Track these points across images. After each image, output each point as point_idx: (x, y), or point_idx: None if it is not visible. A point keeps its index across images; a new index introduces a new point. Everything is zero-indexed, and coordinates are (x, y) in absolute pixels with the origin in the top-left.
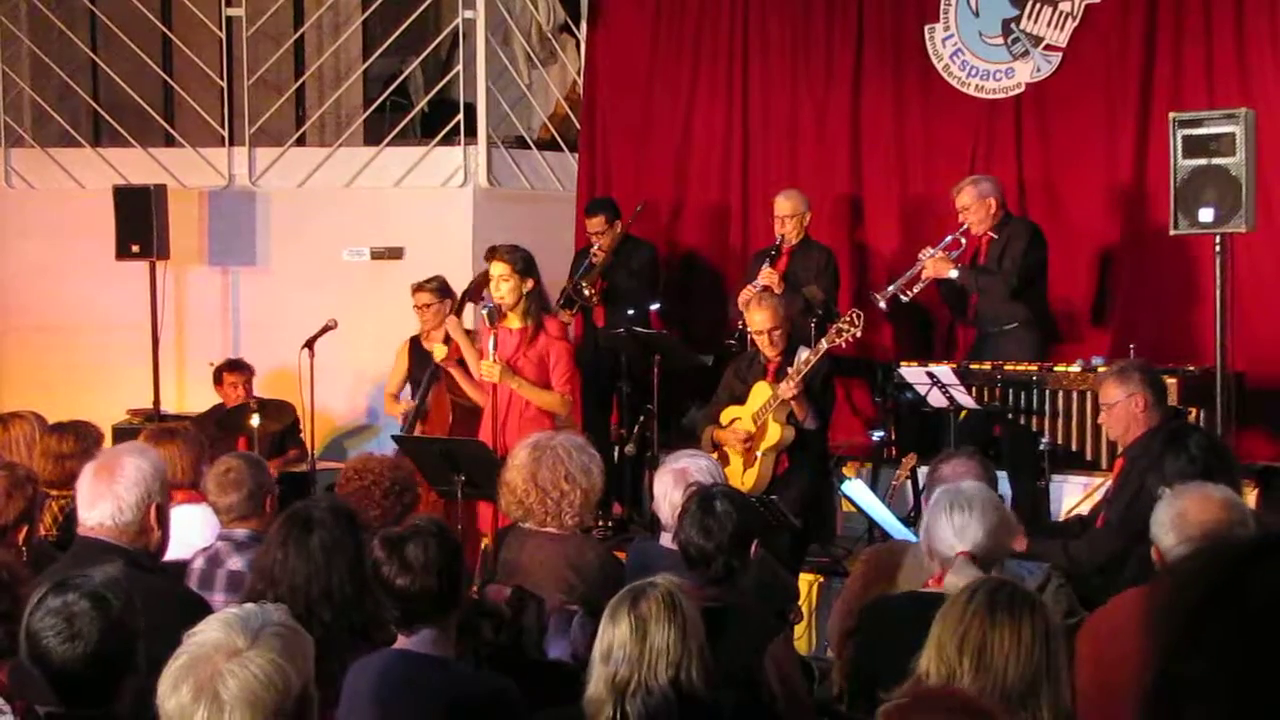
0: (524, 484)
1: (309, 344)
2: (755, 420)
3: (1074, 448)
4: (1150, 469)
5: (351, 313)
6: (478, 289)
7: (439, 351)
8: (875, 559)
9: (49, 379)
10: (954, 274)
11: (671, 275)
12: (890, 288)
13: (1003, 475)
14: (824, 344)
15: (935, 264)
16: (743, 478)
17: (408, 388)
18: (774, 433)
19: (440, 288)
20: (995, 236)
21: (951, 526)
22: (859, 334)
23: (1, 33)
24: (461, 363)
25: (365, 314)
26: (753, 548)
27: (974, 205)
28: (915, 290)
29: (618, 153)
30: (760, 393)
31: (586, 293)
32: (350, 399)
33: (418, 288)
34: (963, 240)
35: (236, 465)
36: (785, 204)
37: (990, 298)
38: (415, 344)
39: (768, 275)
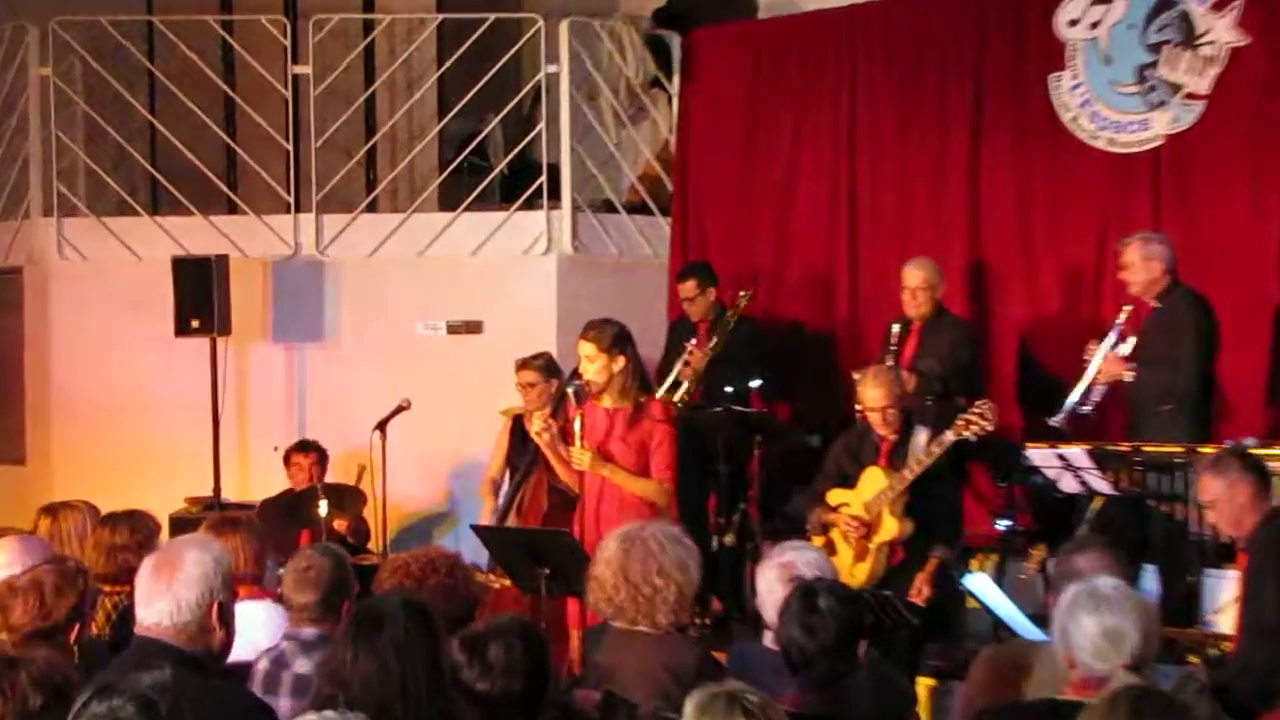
0: (614, 579)
1: (381, 426)
2: (868, 510)
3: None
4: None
5: (426, 391)
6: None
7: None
8: (999, 661)
9: (102, 465)
10: (1129, 377)
11: (773, 350)
12: (1066, 404)
13: (1150, 569)
14: (949, 436)
15: (1109, 367)
16: (853, 570)
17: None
18: (890, 526)
19: (546, 365)
20: (1159, 306)
21: (1099, 630)
22: (991, 428)
23: (56, 96)
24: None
25: (441, 393)
26: (862, 649)
27: (1138, 265)
28: (1093, 404)
29: (713, 216)
30: (874, 480)
31: (684, 399)
32: (426, 485)
33: (522, 364)
34: (1124, 334)
35: (319, 563)
36: (916, 274)
37: (1150, 380)
38: (518, 424)
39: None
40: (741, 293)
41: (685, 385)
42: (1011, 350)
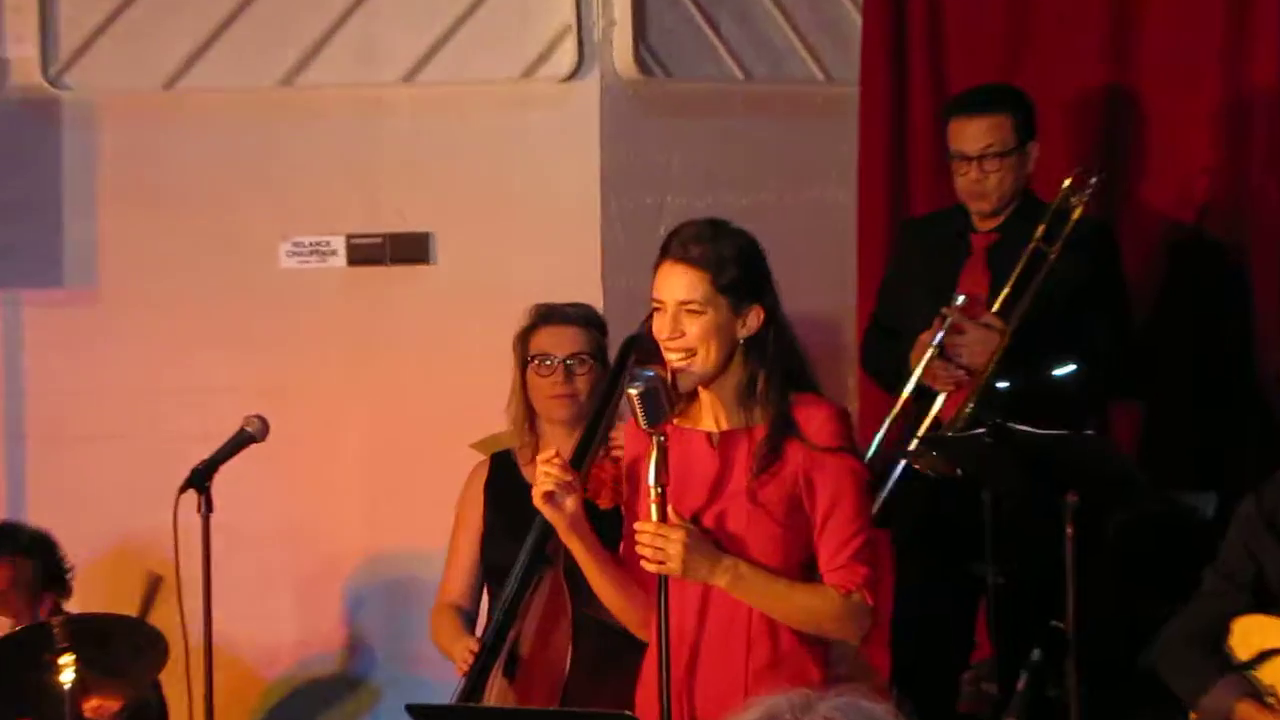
0: None
1: (199, 481)
2: None
3: None
4: None
5: (303, 397)
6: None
7: (559, 492)
8: None
9: None
10: None
11: (1113, 301)
12: None
13: None
14: None
15: None
16: None
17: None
18: None
19: (586, 322)
20: None
21: None
22: None
23: None
24: (607, 519)
25: (339, 400)
26: None
27: None
28: None
29: None
30: None
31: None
32: (308, 611)
33: (538, 322)
34: None
35: None
36: None
37: None
38: (502, 470)
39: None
40: (1082, 175)
41: (940, 398)
42: None
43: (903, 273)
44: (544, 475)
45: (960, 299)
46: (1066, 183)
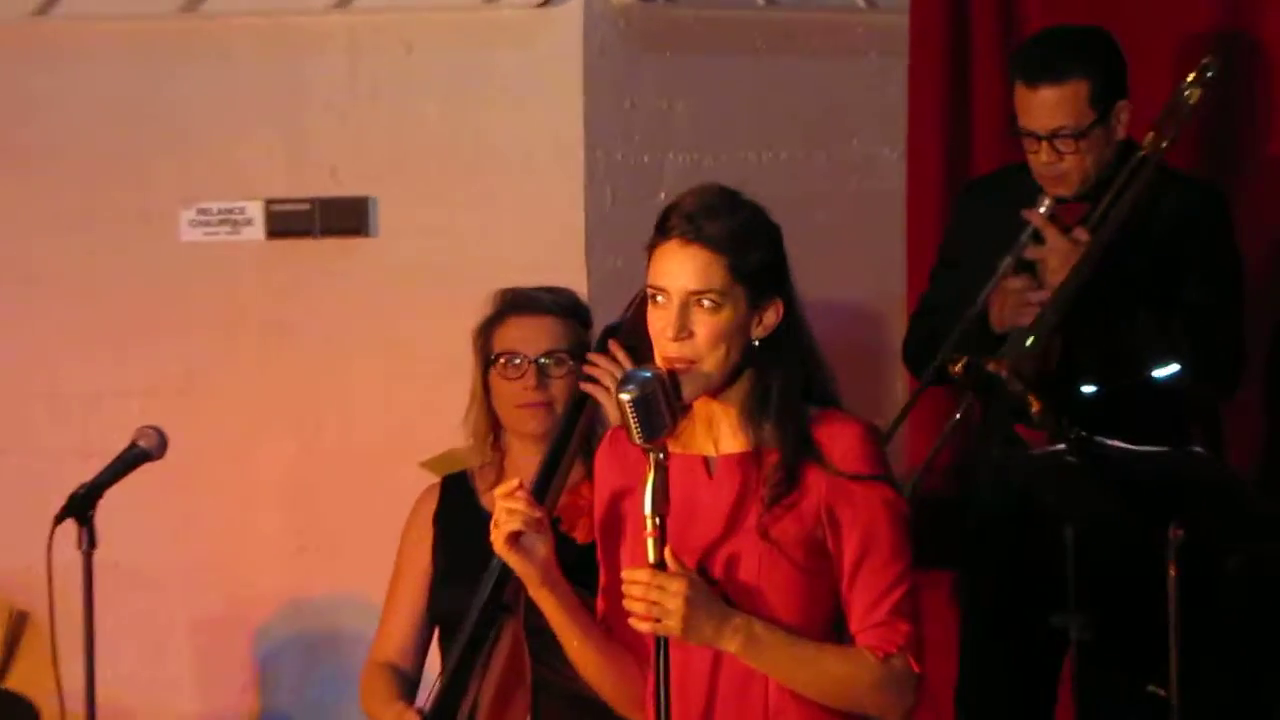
0: None
1: (78, 509)
2: None
3: None
4: None
5: (207, 403)
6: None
7: (527, 534)
8: None
9: None
10: None
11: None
12: None
13: None
14: None
15: None
16: None
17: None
18: None
19: (567, 308)
20: None
21: None
22: None
23: None
24: (583, 566)
25: (249, 406)
26: None
27: None
28: None
29: None
30: None
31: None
32: (209, 663)
33: (510, 307)
34: None
35: None
36: None
37: None
38: (456, 497)
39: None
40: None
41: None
42: None
43: (964, 248)
44: (507, 514)
45: (1046, 203)
46: (1190, 77)
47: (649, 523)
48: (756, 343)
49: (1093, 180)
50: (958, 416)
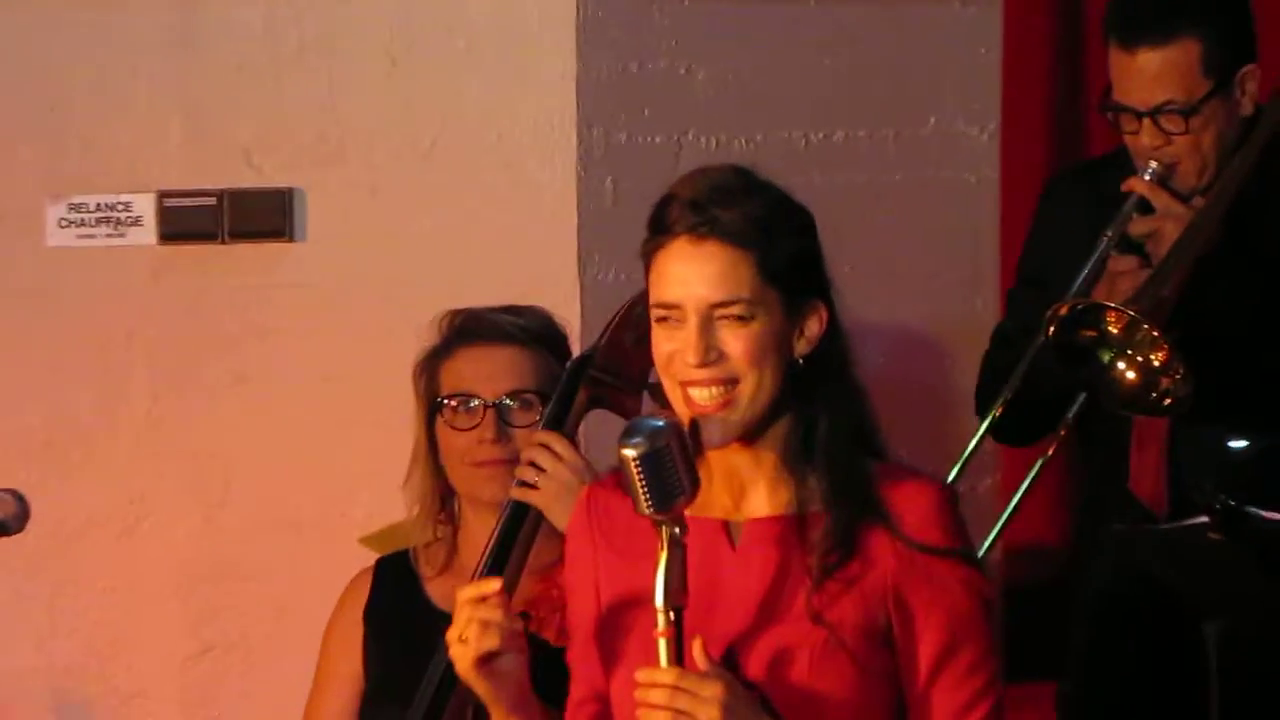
0: None
1: None
2: None
3: None
4: None
5: (82, 455)
6: (624, 361)
7: (502, 650)
8: None
9: None
10: None
11: None
12: None
13: None
14: None
15: None
16: None
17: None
18: None
19: (535, 334)
20: None
21: None
22: None
23: None
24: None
25: (135, 458)
26: None
27: None
28: None
29: None
30: None
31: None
32: None
33: (460, 335)
34: None
35: None
36: None
37: None
38: (393, 583)
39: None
40: None
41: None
42: None
43: (1050, 262)
44: (480, 627)
45: (1153, 166)
46: None
47: (661, 619)
48: (800, 361)
49: (1213, 170)
50: (1049, 454)
